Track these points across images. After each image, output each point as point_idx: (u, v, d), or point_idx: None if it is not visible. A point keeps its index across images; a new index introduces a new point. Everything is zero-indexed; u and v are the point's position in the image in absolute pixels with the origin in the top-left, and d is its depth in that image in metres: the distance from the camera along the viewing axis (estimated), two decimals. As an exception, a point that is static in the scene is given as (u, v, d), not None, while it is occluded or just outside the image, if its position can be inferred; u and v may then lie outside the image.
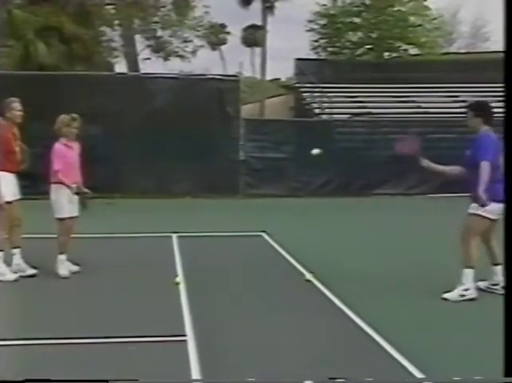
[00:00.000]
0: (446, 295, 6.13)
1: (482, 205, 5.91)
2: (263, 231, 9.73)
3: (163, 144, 14.51)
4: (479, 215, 6.07)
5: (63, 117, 7.11)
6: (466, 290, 6.11)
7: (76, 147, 7.20)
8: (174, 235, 9.37)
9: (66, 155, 6.99)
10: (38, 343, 4.82)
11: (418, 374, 4.19)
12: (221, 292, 6.45)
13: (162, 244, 8.94)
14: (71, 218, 7.10)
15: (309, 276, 6.94)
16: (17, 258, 6.96)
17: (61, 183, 6.91)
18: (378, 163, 15.24)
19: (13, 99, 6.98)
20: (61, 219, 7.02)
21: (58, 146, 7.01)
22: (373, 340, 4.93)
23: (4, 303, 6.19)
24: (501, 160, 6.12)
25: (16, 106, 6.95)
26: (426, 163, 6.57)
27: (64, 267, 7.02)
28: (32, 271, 6.94)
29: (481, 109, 6.38)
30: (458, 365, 4.42)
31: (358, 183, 15.69)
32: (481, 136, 6.19)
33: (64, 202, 6.94)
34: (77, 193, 6.92)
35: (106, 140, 14.07)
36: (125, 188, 14.43)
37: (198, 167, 14.74)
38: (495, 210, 5.99)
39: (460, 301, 6.04)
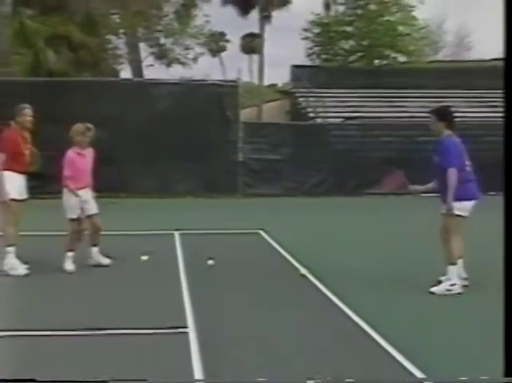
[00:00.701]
0: (433, 289, 6.12)
1: (449, 209, 5.98)
2: (261, 229, 9.72)
3: (166, 146, 14.49)
4: (453, 214, 6.07)
5: (77, 126, 7.10)
6: (453, 285, 6.11)
7: (89, 154, 7.21)
8: (176, 233, 9.35)
9: (77, 162, 7.03)
10: (43, 335, 4.80)
11: (412, 368, 4.08)
12: (220, 286, 6.43)
13: (165, 241, 8.93)
14: (90, 216, 7.17)
15: (303, 271, 6.93)
16: None
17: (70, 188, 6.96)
18: (370, 164, 15.23)
19: (25, 105, 6.98)
20: (71, 220, 7.05)
21: (70, 154, 7.03)
22: (367, 333, 4.86)
23: (14, 296, 6.16)
24: (467, 161, 6.18)
25: (27, 112, 6.95)
26: (413, 188, 6.65)
27: (70, 263, 7.03)
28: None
29: (444, 114, 6.34)
30: (455, 362, 4.26)
31: (351, 183, 15.70)
32: (444, 140, 6.18)
33: (73, 204, 6.97)
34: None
35: (112, 142, 14.02)
36: (129, 188, 14.41)
37: (199, 167, 14.72)
38: (467, 207, 6.11)
39: (446, 295, 6.03)
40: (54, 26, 20.39)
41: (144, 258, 7.56)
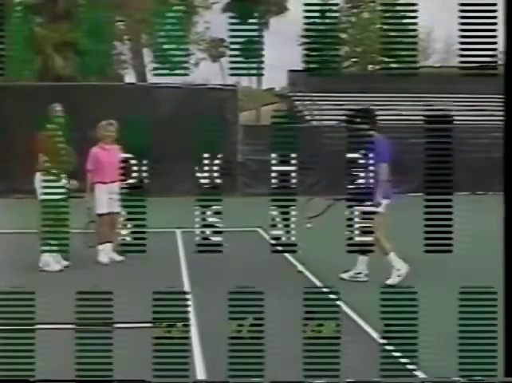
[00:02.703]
0: (388, 282, 6.16)
1: (376, 205, 6.01)
2: (259, 227, 9.68)
3: (168, 147, 14.44)
4: (377, 213, 6.06)
5: (101, 124, 7.23)
6: (399, 269, 6.21)
7: (114, 149, 7.24)
8: (177, 231, 9.31)
9: (101, 156, 7.14)
10: (49, 328, 4.74)
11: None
12: (220, 280, 6.38)
13: (167, 238, 8.89)
14: (112, 213, 7.17)
15: (300, 267, 6.90)
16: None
17: (99, 182, 7.10)
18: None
19: (56, 104, 6.90)
20: (100, 215, 7.06)
21: (93, 149, 7.27)
22: (366, 332, 4.87)
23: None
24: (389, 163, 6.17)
25: (60, 111, 6.87)
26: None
27: (104, 256, 7.07)
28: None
29: (368, 115, 6.27)
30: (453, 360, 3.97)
31: (345, 183, 15.66)
32: (374, 139, 6.04)
33: (103, 199, 7.02)
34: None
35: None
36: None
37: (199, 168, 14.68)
38: (386, 205, 6.27)
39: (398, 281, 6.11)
40: (62, 33, 20.39)
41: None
